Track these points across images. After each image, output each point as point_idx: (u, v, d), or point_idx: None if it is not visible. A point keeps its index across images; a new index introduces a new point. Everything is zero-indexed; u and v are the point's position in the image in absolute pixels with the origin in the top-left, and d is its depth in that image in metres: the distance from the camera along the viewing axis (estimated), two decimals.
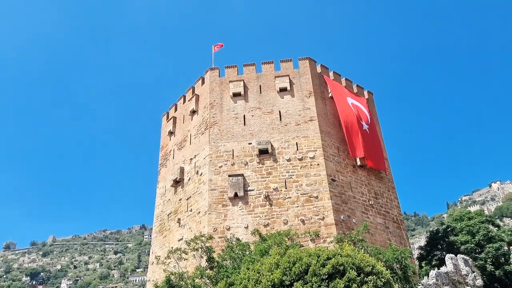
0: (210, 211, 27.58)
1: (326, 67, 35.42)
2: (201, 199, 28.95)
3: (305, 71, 33.24)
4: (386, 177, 33.24)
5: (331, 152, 29.98)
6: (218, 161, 29.70)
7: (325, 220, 26.42)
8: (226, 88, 33.19)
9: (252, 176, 28.72)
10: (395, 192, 33.23)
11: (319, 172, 28.31)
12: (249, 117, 31.56)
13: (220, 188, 28.45)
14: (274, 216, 27.00)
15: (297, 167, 28.77)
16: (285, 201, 27.51)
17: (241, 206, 27.60)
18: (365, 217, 28.66)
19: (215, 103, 32.63)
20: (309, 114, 31.01)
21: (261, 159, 29.35)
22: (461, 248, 30.73)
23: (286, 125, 30.78)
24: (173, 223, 31.51)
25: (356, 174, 30.56)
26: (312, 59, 34.30)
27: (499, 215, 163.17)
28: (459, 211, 38.00)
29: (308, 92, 32.14)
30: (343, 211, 27.47)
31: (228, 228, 26.78)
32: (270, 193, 27.82)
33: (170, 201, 33.46)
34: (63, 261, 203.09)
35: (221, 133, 31.05)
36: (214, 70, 34.42)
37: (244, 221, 27.02)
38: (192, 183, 30.95)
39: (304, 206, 27.15)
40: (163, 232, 32.88)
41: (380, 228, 29.33)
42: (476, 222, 32.23)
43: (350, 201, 28.58)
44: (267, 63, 34.02)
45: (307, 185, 27.90)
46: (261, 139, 30.02)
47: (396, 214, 31.58)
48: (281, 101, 32.01)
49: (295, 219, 26.73)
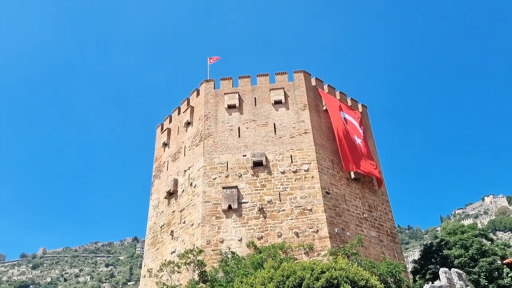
0: (203, 224, 27.37)
1: (320, 80, 35.70)
2: (195, 211, 28.75)
3: (300, 84, 33.46)
4: (380, 190, 33.28)
5: (326, 164, 30.02)
6: (212, 173, 29.60)
7: (319, 233, 26.31)
8: (221, 100, 33.27)
9: (246, 188, 28.62)
10: (389, 205, 33.25)
11: (313, 185, 28.29)
12: (243, 129, 31.59)
13: (214, 200, 28.30)
14: (268, 229, 26.85)
15: (292, 180, 28.74)
16: (279, 214, 27.40)
17: (235, 219, 27.43)
18: (359, 230, 28.60)
19: (210, 115, 32.66)
20: (304, 127, 31.12)
21: (256, 171, 29.31)
22: (455, 262, 30.69)
23: (280, 138, 30.84)
24: (166, 236, 31.20)
25: (350, 187, 30.58)
26: (307, 72, 34.59)
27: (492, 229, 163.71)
28: (452, 225, 38.06)
29: (302, 104, 32.31)
30: (337, 224, 27.40)
31: (222, 240, 26.57)
32: (264, 205, 27.72)
33: (163, 213, 33.19)
34: (53, 274, 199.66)
35: (215, 145, 31.02)
36: (209, 82, 34.55)
37: (238, 233, 26.83)
38: (186, 195, 30.77)
39: (298, 218, 27.04)
40: (155, 244, 32.52)
41: (374, 241, 29.25)
42: (469, 236, 32.27)
43: (344, 214, 28.53)
44: (262, 76, 34.23)
45: (301, 198, 27.85)
46: (255, 151, 30.02)
47: (390, 227, 31.56)
48: (276, 114, 32.14)
49: (289, 232, 26.59)
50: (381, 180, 33.08)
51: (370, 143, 35.29)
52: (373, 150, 35.42)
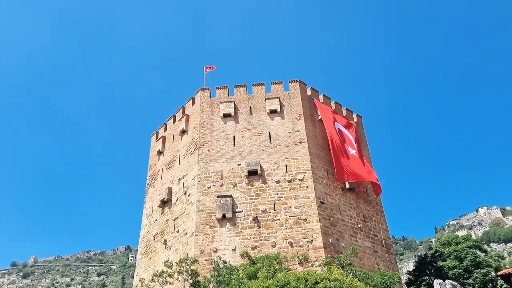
0: (197, 233, 27.15)
1: (316, 90, 35.85)
2: (189, 220, 28.53)
3: (295, 94, 33.58)
4: (375, 200, 33.26)
5: (320, 174, 30.00)
6: (206, 181, 29.47)
7: (314, 243, 26.17)
8: (216, 108, 33.28)
9: (240, 197, 28.49)
10: (383, 216, 33.21)
11: (308, 195, 28.22)
12: (239, 138, 31.56)
13: (208, 209, 28.13)
14: (262, 239, 26.68)
15: (286, 189, 28.67)
16: (273, 223, 27.26)
17: (229, 228, 27.24)
18: (353, 240, 28.49)
19: (205, 123, 32.63)
20: (299, 136, 31.16)
21: (250, 180, 29.21)
22: (449, 273, 30.63)
23: (275, 147, 30.83)
24: (159, 245, 30.90)
25: (345, 197, 30.54)
26: (302, 82, 34.75)
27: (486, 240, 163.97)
28: (446, 236, 38.06)
29: (298, 114, 32.39)
30: (331, 234, 27.29)
31: (216, 250, 26.33)
32: (258, 214, 27.57)
33: (157, 222, 32.91)
34: (44, 283, 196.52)
35: (210, 153, 30.93)
36: (205, 91, 34.58)
37: (232, 243, 26.62)
38: (180, 204, 30.56)
39: (292, 228, 26.91)
40: (148, 253, 32.18)
41: (369, 252, 29.14)
42: (463, 247, 32.27)
43: (339, 224, 28.45)
44: (258, 85, 34.33)
45: (296, 207, 27.75)
46: (250, 160, 29.96)
47: (384, 238, 31.47)
48: (271, 123, 32.17)
49: (283, 242, 26.43)
50: (379, 186, 32.84)
51: (365, 153, 35.37)
52: (368, 161, 35.46)
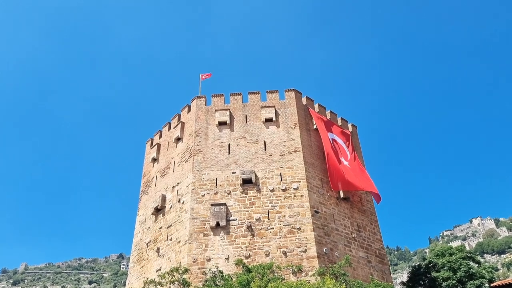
0: (190, 241, 26.94)
1: (311, 99, 35.98)
2: (182, 228, 28.33)
3: (291, 103, 33.67)
4: (369, 210, 33.24)
5: (315, 183, 29.98)
6: (201, 189, 29.34)
7: (308, 253, 26.04)
8: (212, 116, 33.27)
9: (235, 206, 28.37)
10: (377, 226, 33.15)
11: (302, 204, 28.16)
12: (234, 146, 31.53)
13: (202, 217, 27.96)
14: (256, 247, 26.52)
15: (281, 198, 28.59)
16: (267, 232, 27.13)
17: (222, 236, 27.07)
18: (347, 250, 28.39)
19: (201, 131, 32.58)
20: (294, 145, 31.17)
21: (245, 188, 29.12)
22: (443, 284, 30.51)
23: (270, 155, 30.80)
24: (152, 253, 30.61)
25: (339, 206, 30.50)
26: (298, 91, 34.87)
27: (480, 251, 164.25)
28: (440, 246, 37.98)
29: (293, 123, 32.45)
30: (325, 243, 27.18)
31: (209, 259, 26.12)
32: (252, 223, 27.44)
33: (150, 229, 32.64)
34: None
35: (205, 161, 30.84)
36: (201, 99, 34.60)
37: (225, 252, 26.43)
38: (174, 211, 30.36)
39: (286, 237, 26.79)
40: (141, 261, 31.85)
41: (363, 262, 29.03)
42: (457, 258, 32.19)
43: (333, 233, 28.36)
44: (253, 93, 34.41)
45: (290, 216, 27.65)
46: (245, 169, 29.89)
47: (378, 248, 31.40)
48: (266, 131, 32.18)
49: (277, 251, 26.28)
50: (378, 195, 32.70)
51: (358, 164, 35.35)
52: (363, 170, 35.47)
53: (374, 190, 32.37)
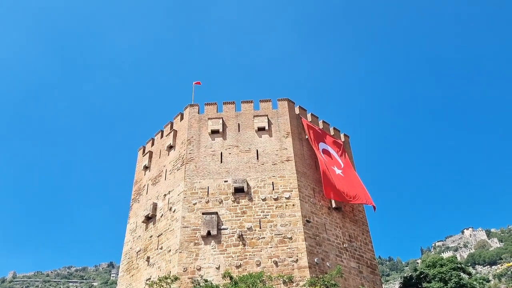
0: (181, 250, 26.70)
1: (304, 108, 36.14)
2: (173, 236, 28.09)
3: (284, 112, 33.79)
4: (361, 220, 33.22)
5: (307, 193, 29.96)
6: (192, 198, 29.19)
7: (299, 263, 25.92)
8: (204, 125, 33.26)
9: (226, 215, 28.23)
10: (369, 236, 33.12)
11: (294, 213, 28.10)
12: (226, 154, 31.48)
13: (193, 225, 27.76)
14: (247, 257, 26.34)
15: (272, 207, 28.51)
16: (258, 241, 26.98)
17: (213, 245, 26.87)
18: (339, 260, 28.29)
19: (193, 139, 32.52)
20: (286, 154, 31.20)
21: (236, 197, 29.02)
22: None
23: (263, 164, 30.79)
24: (142, 262, 30.27)
25: (331, 216, 30.47)
26: (291, 100, 35.03)
27: (471, 263, 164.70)
28: (432, 257, 38.04)
29: (285, 132, 32.52)
30: (317, 253, 27.08)
31: (199, 268, 25.89)
32: (244, 232, 27.29)
33: (140, 238, 32.32)
34: None
35: (197, 169, 30.73)
36: (194, 107, 34.60)
37: (216, 261, 26.22)
38: (165, 220, 30.12)
39: (277, 247, 26.66)
40: (130, 270, 31.47)
41: (354, 272, 28.94)
42: (448, 269, 32.29)
43: (325, 243, 28.28)
44: (246, 102, 34.49)
45: (281, 226, 27.56)
46: (237, 177, 29.82)
47: (370, 258, 31.34)
48: (259, 140, 32.21)
49: (268, 261, 26.13)
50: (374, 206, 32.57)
51: (351, 173, 35.42)
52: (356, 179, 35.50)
53: (366, 202, 32.26)
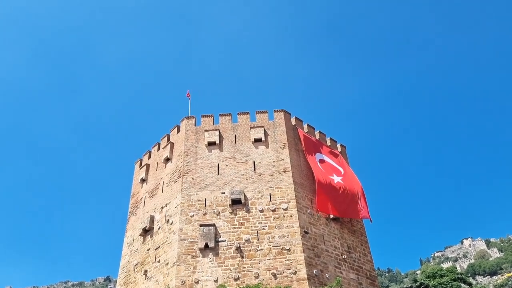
0: (179, 263, 26.46)
1: (300, 119, 36.26)
2: (170, 249, 27.86)
3: (280, 123, 33.89)
4: (359, 231, 33.07)
5: (304, 204, 29.87)
6: (189, 210, 29.04)
7: (297, 275, 25.70)
8: (201, 137, 33.28)
9: (224, 227, 28.07)
10: (368, 247, 32.95)
11: (292, 224, 27.97)
12: (223, 166, 31.45)
13: (190, 238, 27.57)
14: (245, 269, 26.11)
15: (270, 218, 28.39)
16: (256, 253, 26.79)
17: (211, 258, 26.65)
18: (338, 272, 28.08)
19: (190, 151, 32.51)
20: (283, 165, 31.19)
21: (234, 209, 28.89)
22: None
23: (260, 176, 30.75)
24: (139, 275, 29.95)
25: (329, 227, 30.33)
26: (287, 111, 35.17)
27: (471, 273, 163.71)
28: (431, 268, 37.85)
29: (282, 143, 32.56)
30: (315, 265, 26.88)
31: (197, 281, 25.63)
32: (242, 244, 27.11)
33: (137, 251, 32.03)
34: None
35: (194, 181, 30.65)
36: (190, 119, 34.67)
37: (214, 274, 25.97)
38: (162, 233, 29.91)
39: (276, 259, 26.46)
40: (128, 284, 31.11)
41: (353, 284, 28.70)
42: (448, 280, 32.15)
43: (323, 254, 28.09)
44: (243, 114, 34.60)
45: (279, 237, 27.40)
46: (234, 189, 29.74)
47: (369, 270, 31.12)
48: (256, 152, 32.22)
49: (267, 273, 25.90)
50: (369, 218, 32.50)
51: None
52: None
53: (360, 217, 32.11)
